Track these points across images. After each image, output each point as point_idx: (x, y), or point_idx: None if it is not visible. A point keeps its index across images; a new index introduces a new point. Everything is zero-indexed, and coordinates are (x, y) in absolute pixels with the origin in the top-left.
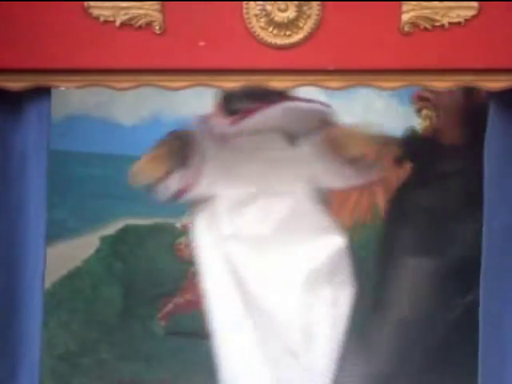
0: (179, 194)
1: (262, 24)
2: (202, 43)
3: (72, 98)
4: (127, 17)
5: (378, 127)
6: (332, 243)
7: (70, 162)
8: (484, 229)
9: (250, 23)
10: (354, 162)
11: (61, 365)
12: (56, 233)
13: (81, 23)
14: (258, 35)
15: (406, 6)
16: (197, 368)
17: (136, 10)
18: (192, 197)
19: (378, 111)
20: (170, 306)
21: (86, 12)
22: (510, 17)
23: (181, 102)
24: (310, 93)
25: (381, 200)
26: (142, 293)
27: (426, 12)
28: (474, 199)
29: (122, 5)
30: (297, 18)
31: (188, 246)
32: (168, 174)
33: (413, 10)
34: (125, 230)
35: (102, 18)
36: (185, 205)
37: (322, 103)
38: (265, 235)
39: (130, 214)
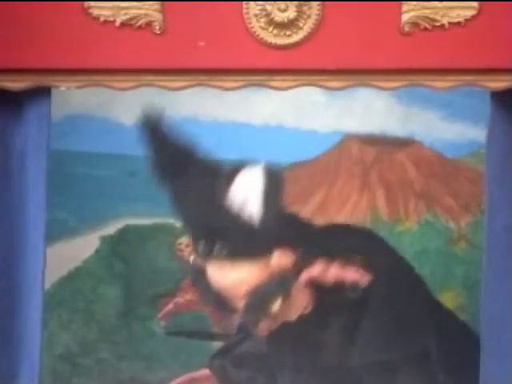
0: None
1: (262, 24)
2: (201, 43)
3: (72, 97)
4: (127, 17)
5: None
6: None
7: (71, 162)
8: (485, 229)
9: (250, 23)
10: None
11: (61, 365)
12: (56, 233)
13: (81, 23)
14: (258, 35)
15: (406, 6)
16: (197, 368)
17: (136, 10)
18: None
19: (378, 111)
20: (170, 306)
21: (86, 12)
22: (510, 17)
23: (181, 102)
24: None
25: (381, 200)
26: (142, 293)
27: (426, 12)
28: None
29: (121, 5)
30: (297, 18)
31: (188, 245)
32: None
33: (413, 9)
34: (125, 230)
35: (102, 18)
36: None
37: None
38: None
39: (130, 213)
